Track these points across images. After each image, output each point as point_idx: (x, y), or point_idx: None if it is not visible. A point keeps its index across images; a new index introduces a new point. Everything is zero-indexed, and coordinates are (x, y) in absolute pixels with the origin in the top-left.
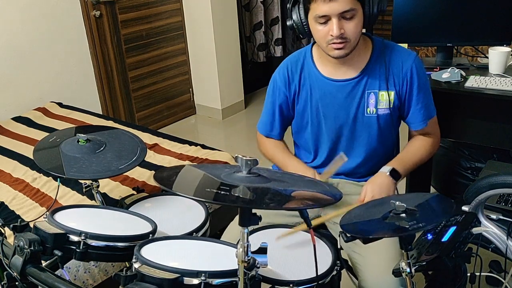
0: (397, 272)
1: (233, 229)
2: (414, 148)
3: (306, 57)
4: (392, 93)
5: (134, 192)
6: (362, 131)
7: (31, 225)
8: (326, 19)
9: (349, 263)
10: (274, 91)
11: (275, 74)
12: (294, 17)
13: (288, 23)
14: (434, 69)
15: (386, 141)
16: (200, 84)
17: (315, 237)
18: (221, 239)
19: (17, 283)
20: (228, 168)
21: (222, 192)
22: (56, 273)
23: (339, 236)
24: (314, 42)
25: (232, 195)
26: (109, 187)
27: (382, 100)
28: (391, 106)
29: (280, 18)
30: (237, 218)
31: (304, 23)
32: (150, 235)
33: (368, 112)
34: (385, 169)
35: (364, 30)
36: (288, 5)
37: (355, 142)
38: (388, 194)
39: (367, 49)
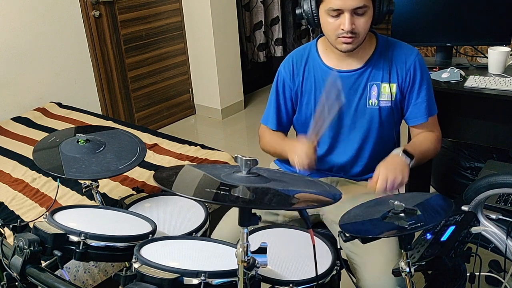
0: (396, 272)
1: (224, 226)
2: (419, 141)
3: (311, 51)
4: (394, 86)
5: (134, 192)
6: (363, 122)
7: (31, 225)
8: (338, 12)
9: (349, 263)
10: (279, 84)
11: (280, 68)
12: (305, 6)
13: (298, 11)
14: (434, 69)
15: (387, 136)
16: (199, 84)
17: (314, 237)
18: (212, 236)
19: (16, 283)
20: (228, 168)
21: (222, 192)
22: (55, 273)
23: (338, 236)
24: (320, 37)
25: (231, 195)
26: (109, 187)
27: (384, 92)
28: (393, 99)
29: (281, 18)
30: (227, 214)
31: (314, 14)
32: (150, 235)
33: (370, 104)
34: (397, 151)
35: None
36: None
37: (355, 134)
38: (402, 174)
39: (372, 43)
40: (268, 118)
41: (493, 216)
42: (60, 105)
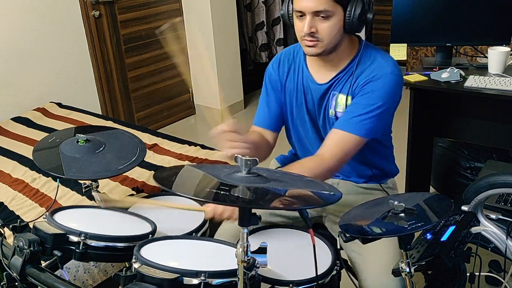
0: (396, 272)
1: (227, 226)
2: (296, 167)
3: (299, 51)
4: (350, 98)
5: (134, 192)
6: (326, 132)
7: (31, 225)
8: (302, 14)
9: (349, 263)
10: (267, 82)
11: (270, 66)
12: (284, 7)
13: (280, 12)
14: (434, 69)
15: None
16: (199, 84)
17: (314, 237)
18: (215, 237)
19: (16, 283)
20: (228, 168)
21: (222, 192)
22: (55, 273)
23: (339, 236)
24: None
25: (231, 195)
26: (109, 187)
27: (340, 103)
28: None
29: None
30: None
31: (290, 15)
32: (150, 235)
33: (330, 114)
34: None
35: (363, 29)
36: None
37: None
38: (232, 211)
39: (351, 53)
40: (259, 116)
41: (493, 216)
42: (60, 105)
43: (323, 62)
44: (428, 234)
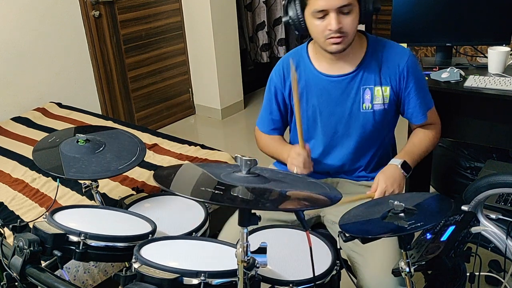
0: (396, 272)
1: (230, 228)
2: (418, 140)
3: (302, 55)
4: (388, 89)
5: (134, 192)
6: (357, 126)
7: (31, 225)
8: (324, 13)
9: (349, 262)
10: (271, 89)
11: (272, 73)
12: (291, 13)
13: (284, 19)
14: (434, 69)
15: (382, 137)
16: (199, 84)
17: (314, 237)
18: (218, 238)
19: (16, 283)
20: (231, 168)
21: (219, 192)
22: (55, 273)
23: (338, 236)
24: (310, 40)
25: (229, 195)
26: (109, 187)
27: (377, 95)
28: (387, 102)
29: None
30: (233, 216)
31: (300, 19)
32: (150, 235)
33: (364, 108)
34: (396, 162)
35: (363, 28)
36: (283, 2)
37: (350, 137)
38: (399, 186)
39: (362, 46)
40: (263, 122)
41: (493, 216)
42: (60, 105)
43: (336, 58)
44: (428, 234)
